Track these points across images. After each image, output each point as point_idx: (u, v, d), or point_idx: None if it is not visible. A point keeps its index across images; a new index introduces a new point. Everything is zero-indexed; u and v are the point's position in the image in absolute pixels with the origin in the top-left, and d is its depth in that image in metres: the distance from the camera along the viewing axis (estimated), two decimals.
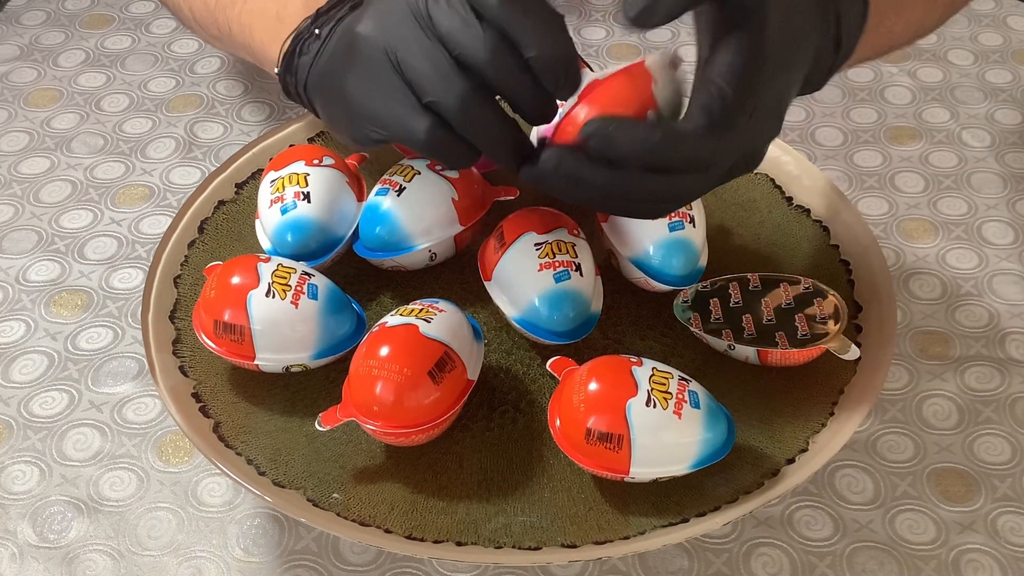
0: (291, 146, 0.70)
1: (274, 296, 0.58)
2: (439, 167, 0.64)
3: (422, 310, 0.57)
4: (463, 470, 0.57)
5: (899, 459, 0.63)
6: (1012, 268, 0.75)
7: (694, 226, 0.63)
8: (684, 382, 0.54)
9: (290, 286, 0.58)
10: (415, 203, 0.63)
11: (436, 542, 0.53)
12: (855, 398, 0.58)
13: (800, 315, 0.60)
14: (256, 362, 0.58)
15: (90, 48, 0.96)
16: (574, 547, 0.53)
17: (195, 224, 0.68)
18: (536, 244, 0.60)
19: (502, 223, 0.63)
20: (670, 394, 0.53)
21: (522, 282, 0.60)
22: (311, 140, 0.73)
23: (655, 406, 0.53)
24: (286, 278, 0.58)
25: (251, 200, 0.69)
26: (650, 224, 0.62)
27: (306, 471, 0.56)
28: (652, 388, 0.53)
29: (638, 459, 0.53)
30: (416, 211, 0.63)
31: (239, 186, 0.70)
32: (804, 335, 0.59)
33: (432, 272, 0.66)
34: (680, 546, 0.59)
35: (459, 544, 0.53)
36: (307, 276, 0.59)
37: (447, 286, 0.66)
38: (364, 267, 0.66)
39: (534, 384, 0.61)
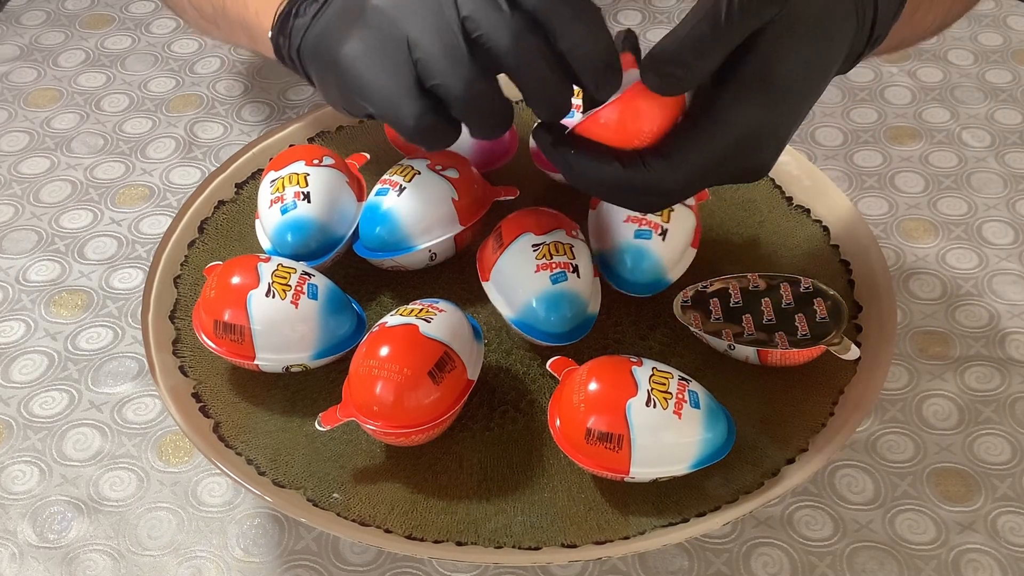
0: (291, 146, 0.70)
1: (274, 296, 0.57)
2: (439, 167, 0.64)
3: (422, 310, 0.57)
4: (463, 470, 0.57)
5: (899, 459, 0.63)
6: (1012, 268, 0.75)
7: (663, 239, 0.62)
8: (684, 382, 0.54)
9: (290, 286, 0.58)
10: (415, 203, 0.63)
11: (436, 542, 0.53)
12: (855, 398, 0.58)
13: (800, 315, 0.60)
14: (256, 362, 0.58)
15: (90, 48, 0.96)
16: (574, 547, 0.53)
17: (195, 224, 0.68)
18: (533, 245, 0.60)
19: (500, 223, 0.63)
20: (670, 394, 0.53)
21: (519, 283, 0.60)
22: (311, 140, 0.73)
23: (655, 406, 0.53)
24: (286, 278, 0.58)
25: (251, 200, 0.69)
26: (620, 225, 0.62)
27: (306, 471, 0.56)
28: (652, 388, 0.53)
29: (638, 459, 0.53)
30: (416, 211, 0.63)
31: (239, 186, 0.70)
32: (804, 335, 0.59)
33: (432, 272, 0.66)
34: (680, 546, 0.59)
35: (459, 544, 0.53)
36: (307, 276, 0.59)
37: (447, 286, 0.66)
38: (364, 267, 0.66)
39: (534, 384, 0.61)
